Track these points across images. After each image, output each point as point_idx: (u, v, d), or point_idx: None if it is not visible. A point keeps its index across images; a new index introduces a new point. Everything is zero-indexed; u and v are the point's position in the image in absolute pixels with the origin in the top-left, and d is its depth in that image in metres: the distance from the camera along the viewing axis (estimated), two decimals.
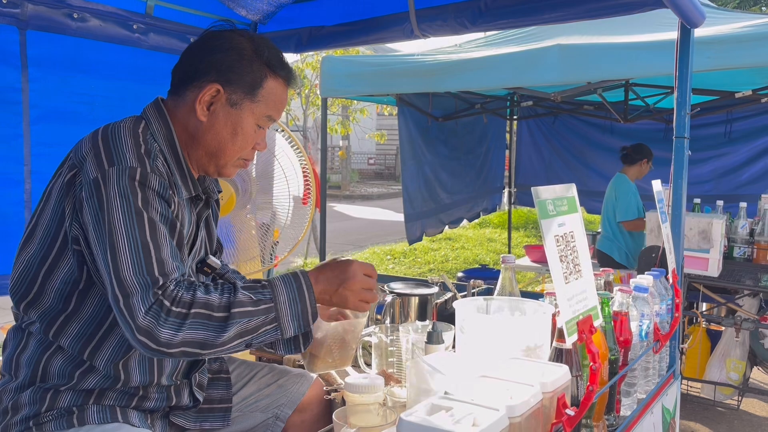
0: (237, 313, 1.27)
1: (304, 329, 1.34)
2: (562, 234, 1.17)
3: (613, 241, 4.86)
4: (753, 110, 5.86)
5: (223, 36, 1.45)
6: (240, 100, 1.44)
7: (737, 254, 3.69)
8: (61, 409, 1.34)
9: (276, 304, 1.31)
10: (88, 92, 2.24)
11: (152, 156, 1.34)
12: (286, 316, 1.31)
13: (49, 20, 2.09)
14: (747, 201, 3.80)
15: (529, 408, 1.07)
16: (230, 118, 1.44)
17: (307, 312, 1.34)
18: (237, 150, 1.47)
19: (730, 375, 3.78)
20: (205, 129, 1.44)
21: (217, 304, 1.27)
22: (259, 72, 1.44)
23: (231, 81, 1.42)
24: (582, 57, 3.82)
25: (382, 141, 10.84)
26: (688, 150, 1.94)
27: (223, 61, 1.42)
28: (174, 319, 1.22)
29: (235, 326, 1.27)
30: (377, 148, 23.54)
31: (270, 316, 1.30)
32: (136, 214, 1.27)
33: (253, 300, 1.30)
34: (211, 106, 1.43)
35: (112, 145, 1.31)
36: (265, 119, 1.48)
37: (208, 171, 1.51)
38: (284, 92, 1.51)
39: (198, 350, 1.25)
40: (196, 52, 1.46)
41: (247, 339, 1.28)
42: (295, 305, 1.32)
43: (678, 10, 1.77)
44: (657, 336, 1.71)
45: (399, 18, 2.30)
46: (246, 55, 1.43)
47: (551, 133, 7.21)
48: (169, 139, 1.43)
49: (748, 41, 3.48)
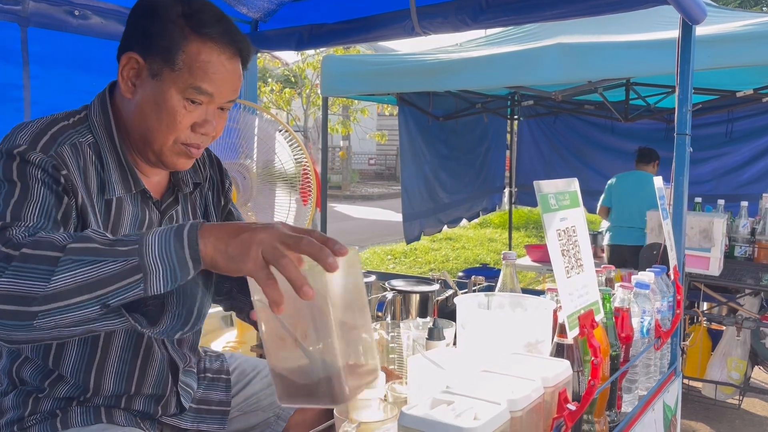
0: (75, 249, 0.96)
1: (180, 278, 0.97)
2: (564, 228, 1.17)
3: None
4: (754, 110, 5.86)
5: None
6: (160, 69, 1.22)
7: (738, 253, 3.69)
8: (45, 412, 1.30)
9: (141, 246, 0.96)
10: (89, 89, 2.22)
11: (58, 142, 1.19)
12: (154, 262, 0.95)
13: (50, 17, 2.10)
14: (748, 200, 3.80)
15: (531, 402, 1.06)
16: (153, 92, 1.23)
17: (184, 255, 0.96)
18: (166, 131, 1.25)
19: (732, 374, 3.78)
20: (132, 108, 1.26)
21: (57, 243, 0.97)
22: (178, 34, 1.21)
23: (149, 48, 1.22)
24: (583, 56, 3.83)
25: (382, 141, 10.87)
26: (689, 147, 1.94)
27: (142, 26, 1.24)
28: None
29: (69, 270, 0.94)
30: (378, 148, 23.56)
31: (130, 261, 0.95)
32: (6, 180, 1.12)
33: (107, 239, 0.98)
34: (136, 80, 1.24)
35: (14, 130, 1.19)
36: (193, 91, 1.23)
37: (151, 161, 1.31)
38: (221, 60, 1.24)
39: (19, 307, 0.94)
40: (129, 20, 1.29)
41: (97, 294, 0.95)
42: (167, 246, 0.96)
43: (680, 6, 1.77)
44: (658, 333, 1.71)
45: (400, 15, 2.30)
46: (162, 13, 1.22)
47: (552, 133, 7.21)
48: (107, 129, 1.28)
49: (749, 40, 3.48)
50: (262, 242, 0.95)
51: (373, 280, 2.34)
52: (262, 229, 0.97)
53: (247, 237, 0.96)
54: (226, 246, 0.97)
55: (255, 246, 0.94)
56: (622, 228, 5.10)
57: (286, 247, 0.94)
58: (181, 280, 0.97)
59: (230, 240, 0.97)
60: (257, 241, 0.95)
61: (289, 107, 8.87)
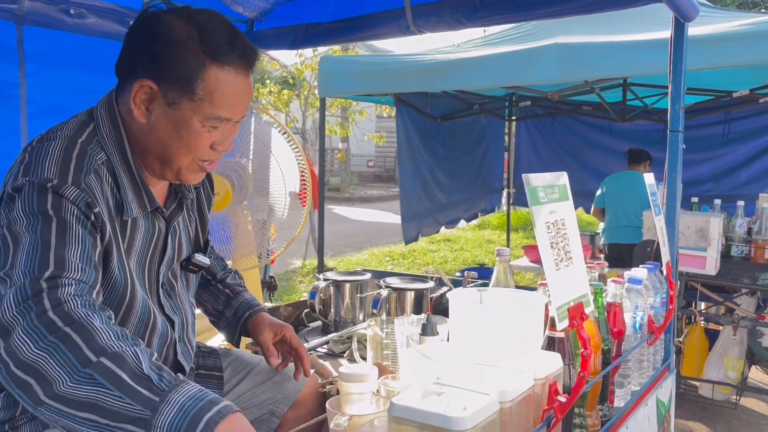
0: (102, 368, 0.94)
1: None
2: (553, 221, 1.18)
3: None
4: (751, 110, 5.87)
5: (158, 20, 1.21)
6: (177, 98, 1.20)
7: (735, 253, 3.70)
8: (31, 415, 1.28)
9: (162, 402, 0.93)
10: (86, 88, 2.24)
11: (85, 171, 1.16)
12: (162, 427, 0.92)
13: (45, 16, 2.10)
14: (745, 200, 3.81)
15: (521, 394, 1.07)
16: (170, 120, 1.21)
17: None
18: (186, 153, 1.25)
19: (728, 374, 3.78)
20: (147, 131, 1.24)
21: (98, 340, 0.96)
22: (195, 62, 1.18)
23: (164, 76, 1.19)
24: (580, 55, 3.84)
25: (381, 143, 10.87)
26: (682, 144, 1.95)
27: (153, 51, 1.19)
28: (41, 327, 0.96)
29: (87, 385, 0.93)
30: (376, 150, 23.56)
31: (143, 413, 0.92)
32: (41, 214, 1.09)
33: (138, 373, 0.95)
34: (150, 105, 1.22)
35: (35, 157, 1.15)
36: (215, 121, 1.22)
37: (167, 177, 1.32)
38: (238, 82, 1.22)
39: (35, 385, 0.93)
40: (131, 41, 1.25)
41: (101, 421, 0.92)
42: (182, 420, 0.92)
43: (672, 3, 1.78)
44: (651, 328, 1.71)
45: (395, 14, 2.31)
46: (178, 40, 1.18)
47: (549, 134, 7.23)
48: (120, 146, 1.25)
49: (745, 39, 3.49)
50: None
51: (368, 278, 2.35)
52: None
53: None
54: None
55: None
56: (619, 227, 5.16)
57: None
58: None
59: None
60: None
61: (288, 109, 8.88)
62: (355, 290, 2.29)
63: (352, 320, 2.30)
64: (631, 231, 5.04)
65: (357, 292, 2.29)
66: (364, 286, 2.32)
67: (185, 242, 1.50)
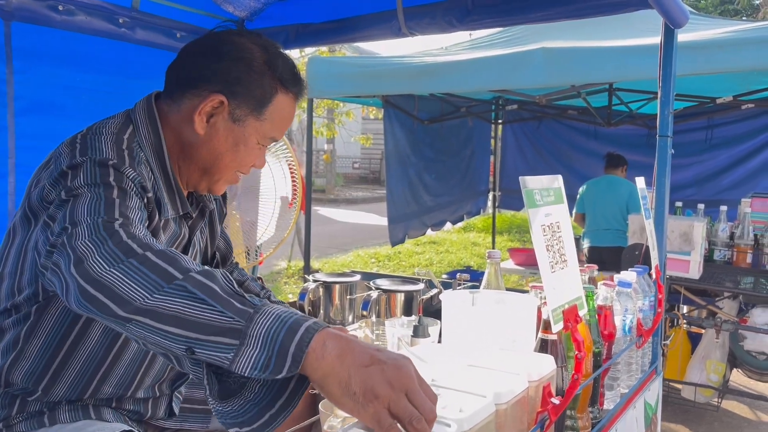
0: (195, 280, 0.89)
1: (272, 373, 0.83)
2: (549, 224, 1.19)
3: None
4: (733, 117, 5.97)
5: (232, 41, 1.30)
6: (244, 116, 1.28)
7: (718, 257, 3.75)
8: (32, 412, 1.29)
9: (256, 313, 0.86)
10: (74, 85, 2.22)
11: (137, 160, 1.19)
12: (257, 336, 0.84)
13: (34, 12, 2.07)
14: (728, 205, 3.86)
15: (515, 396, 1.07)
16: (231, 134, 1.29)
17: (287, 349, 0.83)
18: (234, 167, 1.34)
19: (711, 377, 3.82)
20: (201, 142, 1.30)
21: (183, 264, 0.92)
22: (269, 87, 1.29)
23: (237, 94, 1.27)
24: (567, 60, 3.87)
25: (367, 144, 10.87)
26: (671, 149, 1.97)
27: (230, 71, 1.26)
28: (118, 251, 0.93)
29: (176, 296, 0.88)
30: (362, 152, 23.57)
31: (236, 322, 0.85)
32: (103, 183, 1.08)
33: (231, 289, 0.90)
34: (211, 118, 1.28)
35: (91, 142, 1.17)
36: (269, 140, 1.35)
37: (199, 187, 1.38)
38: (293, 109, 1.36)
39: (118, 309, 0.89)
40: (200, 55, 1.31)
41: (189, 335, 0.86)
42: (278, 330, 0.84)
43: (662, 9, 1.80)
44: (640, 331, 1.73)
45: (386, 16, 2.31)
46: (256, 66, 1.27)
47: (536, 138, 7.28)
48: (157, 150, 1.29)
49: (729, 47, 3.55)
50: (393, 387, 0.81)
51: (358, 279, 2.34)
52: (397, 366, 0.83)
53: (378, 374, 0.82)
54: (349, 377, 0.82)
55: (385, 391, 0.81)
56: (599, 231, 5.24)
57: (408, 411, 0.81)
58: (272, 373, 0.84)
59: (355, 371, 0.82)
60: (388, 384, 0.81)
61: None
62: (344, 292, 2.28)
63: (341, 322, 2.29)
64: (612, 234, 5.12)
65: (347, 294, 2.28)
66: (354, 287, 2.31)
67: (199, 253, 1.51)
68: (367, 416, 0.81)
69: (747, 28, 3.96)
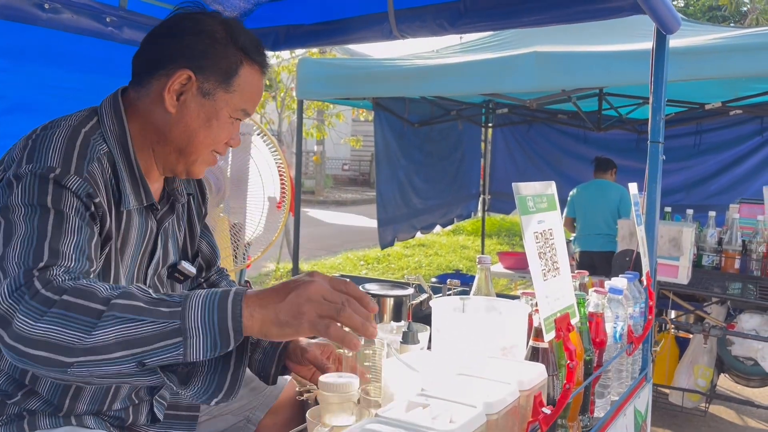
0: (119, 305, 0.96)
1: (220, 348, 0.97)
2: (542, 231, 1.17)
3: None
4: (722, 122, 6.01)
5: (194, 18, 1.31)
6: (213, 89, 1.28)
7: (706, 262, 3.75)
8: (12, 415, 1.27)
9: (184, 309, 0.96)
10: (59, 84, 2.19)
11: (88, 159, 1.18)
12: (195, 328, 0.95)
13: (18, 10, 2.04)
14: (716, 211, 3.88)
15: (507, 405, 1.06)
16: (203, 109, 1.29)
17: (226, 323, 0.96)
18: (209, 143, 1.32)
19: (698, 381, 3.83)
20: (173, 122, 1.29)
21: (100, 294, 0.98)
22: (234, 58, 1.29)
23: (203, 68, 1.27)
24: (557, 64, 3.87)
25: (357, 146, 10.84)
26: (662, 155, 1.96)
27: (194, 46, 1.27)
28: (36, 304, 0.97)
29: (111, 326, 0.94)
30: (352, 153, 23.54)
31: (171, 324, 0.95)
32: (39, 206, 1.10)
33: (150, 297, 0.98)
34: (181, 96, 1.28)
35: (39, 144, 1.17)
36: (241, 113, 1.33)
37: (176, 170, 1.36)
38: (260, 81, 1.36)
39: (61, 357, 0.94)
40: (163, 36, 1.31)
41: (135, 352, 0.95)
42: (211, 315, 0.96)
43: (655, 15, 1.79)
44: (630, 338, 1.72)
45: (378, 18, 2.29)
46: (219, 38, 1.28)
47: (525, 141, 7.29)
48: (122, 141, 1.28)
49: (718, 53, 3.56)
50: (311, 300, 0.98)
51: None
52: (304, 286, 0.99)
53: (294, 299, 0.98)
54: (276, 314, 0.98)
55: (306, 306, 0.98)
56: (590, 235, 5.25)
57: (329, 311, 0.98)
58: (221, 349, 0.98)
59: (278, 306, 0.98)
60: (306, 300, 0.98)
61: (263, 110, 8.81)
62: None
63: None
64: (602, 239, 5.13)
65: None
66: None
67: (172, 247, 1.48)
68: (308, 331, 0.98)
69: (735, 35, 3.98)
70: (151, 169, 1.36)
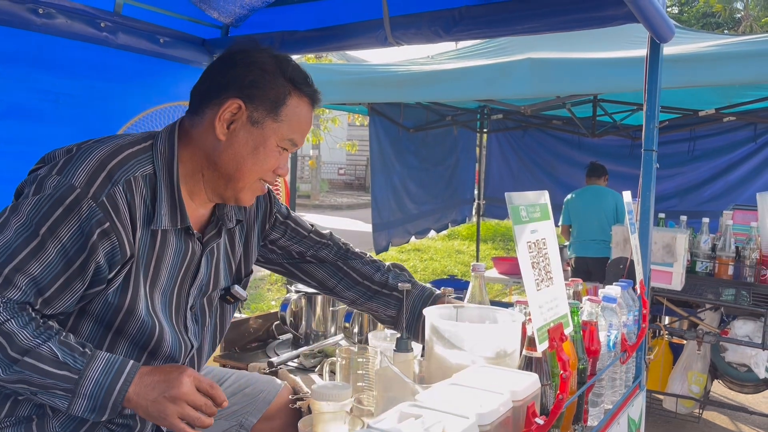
0: (29, 365, 1.17)
1: (96, 415, 1.21)
2: (535, 241, 1.17)
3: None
4: (715, 129, 6.03)
5: (245, 51, 1.39)
6: (262, 118, 1.35)
7: (699, 269, 3.76)
8: (21, 417, 1.30)
9: (81, 377, 1.19)
10: (52, 90, 2.17)
11: (114, 180, 1.25)
12: (84, 394, 1.19)
13: (12, 15, 2.02)
14: (709, 217, 3.89)
15: (499, 416, 1.05)
16: (251, 137, 1.35)
17: (108, 401, 1.20)
18: (257, 171, 1.38)
19: (692, 388, 3.84)
20: (223, 148, 1.35)
21: (19, 341, 1.16)
22: (282, 88, 1.36)
23: (253, 97, 1.34)
24: (552, 71, 3.88)
25: (353, 151, 10.86)
26: (656, 163, 1.97)
27: (244, 76, 1.34)
28: None
29: (19, 374, 1.17)
30: (347, 158, 23.55)
31: (67, 385, 1.19)
32: (34, 228, 1.20)
33: (57, 361, 1.18)
34: (231, 124, 1.34)
35: (77, 156, 1.26)
36: (288, 143, 1.39)
37: (225, 197, 1.42)
38: (309, 112, 1.42)
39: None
40: (217, 68, 1.40)
41: (31, 389, 1.20)
42: (100, 390, 1.19)
43: (649, 24, 1.80)
44: (624, 346, 1.72)
45: (373, 25, 2.29)
46: (269, 69, 1.36)
47: (520, 147, 7.30)
48: (168, 164, 1.35)
49: (712, 61, 3.58)
50: (176, 402, 1.22)
51: None
52: (169, 390, 1.22)
53: (162, 400, 1.22)
54: (147, 408, 1.22)
55: (170, 408, 1.22)
56: (585, 241, 5.26)
57: (189, 415, 1.24)
58: (97, 416, 1.22)
59: (148, 404, 1.22)
60: (171, 402, 1.22)
61: None
62: (327, 303, 2.25)
63: (323, 333, 2.26)
64: (597, 245, 5.14)
65: (329, 305, 2.25)
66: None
67: (223, 271, 1.53)
68: (170, 426, 1.24)
69: (729, 42, 4.00)
70: (198, 194, 1.41)
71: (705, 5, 19.98)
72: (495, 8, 2.09)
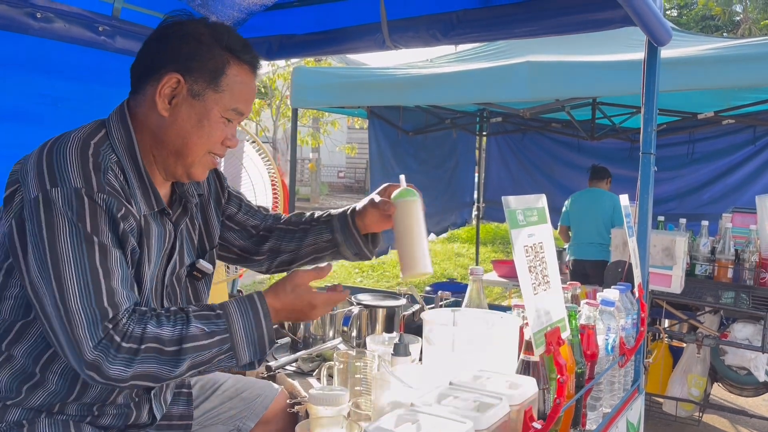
0: (190, 348, 1.23)
1: (260, 356, 1.30)
2: (532, 244, 1.17)
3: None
4: (714, 132, 6.03)
5: (179, 23, 1.35)
6: (202, 90, 1.32)
7: (699, 272, 3.75)
8: (11, 422, 1.28)
9: (231, 334, 1.26)
10: (50, 93, 2.18)
11: (103, 169, 1.23)
12: (242, 344, 1.27)
13: (9, 19, 2.03)
14: (709, 220, 3.89)
15: (497, 421, 1.05)
16: (194, 111, 1.32)
17: (264, 340, 1.29)
18: (203, 144, 1.35)
19: (692, 391, 3.83)
20: (167, 125, 1.33)
21: (169, 338, 1.21)
22: (220, 58, 1.33)
23: (191, 69, 1.31)
24: (551, 74, 3.89)
25: (352, 154, 10.87)
26: (654, 166, 1.97)
27: (180, 49, 1.31)
28: (124, 355, 1.17)
29: (188, 360, 1.23)
30: (347, 161, 23.55)
31: (224, 347, 1.26)
32: (85, 240, 1.18)
33: (206, 332, 1.25)
34: (173, 99, 1.32)
35: (55, 162, 1.21)
36: (232, 112, 1.36)
37: (177, 174, 1.39)
38: (251, 80, 1.39)
39: (151, 383, 1.22)
40: (152, 44, 1.36)
41: (201, 369, 1.26)
42: (251, 334, 1.28)
43: (646, 28, 1.80)
44: (623, 350, 1.72)
45: (371, 28, 2.29)
46: (204, 40, 1.32)
47: (519, 150, 7.30)
48: (129, 149, 1.32)
49: (711, 64, 3.58)
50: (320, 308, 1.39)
51: None
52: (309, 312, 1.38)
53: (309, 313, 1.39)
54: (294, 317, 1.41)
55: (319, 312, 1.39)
56: (584, 244, 5.25)
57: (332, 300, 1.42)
58: (260, 355, 1.30)
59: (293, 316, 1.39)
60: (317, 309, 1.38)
61: (259, 118, 8.81)
62: None
63: (321, 337, 2.25)
64: (595, 248, 5.13)
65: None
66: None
67: (188, 247, 1.51)
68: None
69: (728, 45, 4.00)
70: (155, 175, 1.38)
71: (704, 8, 20.02)
72: (493, 12, 2.10)
